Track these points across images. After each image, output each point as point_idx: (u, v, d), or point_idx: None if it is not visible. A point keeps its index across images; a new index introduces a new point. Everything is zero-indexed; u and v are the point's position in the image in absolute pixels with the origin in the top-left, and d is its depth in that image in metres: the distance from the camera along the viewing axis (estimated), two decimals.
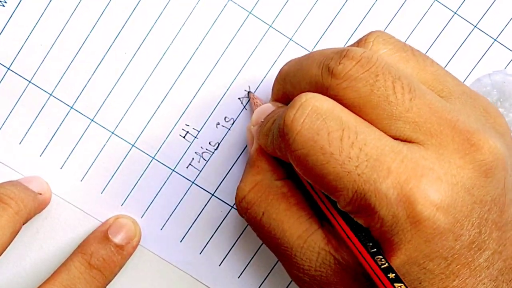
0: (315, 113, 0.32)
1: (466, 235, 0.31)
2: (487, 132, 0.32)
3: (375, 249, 0.31)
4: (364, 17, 0.41)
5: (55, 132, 0.41)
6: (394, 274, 0.31)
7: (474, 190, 0.31)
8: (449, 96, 0.34)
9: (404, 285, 0.30)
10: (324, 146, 0.31)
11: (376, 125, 0.32)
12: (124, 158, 0.42)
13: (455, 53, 0.42)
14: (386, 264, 0.31)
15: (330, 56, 0.33)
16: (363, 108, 0.32)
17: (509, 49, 0.42)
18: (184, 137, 0.42)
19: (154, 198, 0.42)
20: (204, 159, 0.42)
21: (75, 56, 0.41)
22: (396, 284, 0.30)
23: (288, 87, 0.36)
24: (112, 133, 0.42)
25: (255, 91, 0.41)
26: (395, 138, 0.32)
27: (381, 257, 0.31)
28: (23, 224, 0.40)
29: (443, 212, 0.30)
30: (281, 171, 0.36)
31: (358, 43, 0.35)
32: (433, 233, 0.31)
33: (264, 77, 0.41)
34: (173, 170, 0.42)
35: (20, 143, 0.42)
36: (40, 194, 0.41)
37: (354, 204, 0.31)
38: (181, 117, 0.41)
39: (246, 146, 0.42)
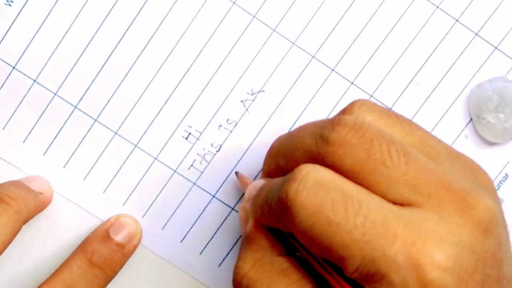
0: (317, 185, 0.32)
1: None
2: (479, 191, 0.33)
3: None
4: (367, 23, 0.41)
5: (59, 131, 0.42)
6: None
7: (476, 247, 0.32)
8: (437, 158, 0.34)
9: None
10: (329, 217, 0.31)
11: (374, 190, 0.32)
12: (127, 158, 0.42)
13: (456, 61, 0.42)
14: None
15: (322, 125, 0.33)
16: (361, 173, 0.32)
17: (509, 57, 0.42)
18: (186, 138, 0.42)
19: (156, 198, 0.42)
20: (205, 161, 0.42)
21: (80, 56, 0.41)
22: None
23: (281, 160, 0.36)
24: (115, 133, 0.42)
25: (258, 93, 0.42)
26: (394, 202, 0.32)
27: None
28: (24, 224, 0.40)
29: (450, 273, 0.31)
30: (280, 247, 0.36)
31: (343, 112, 0.35)
32: None
33: (267, 80, 0.42)
34: (175, 171, 0.42)
35: (23, 142, 0.42)
36: (41, 193, 0.41)
37: (362, 271, 0.31)
38: (183, 118, 0.42)
39: (248, 149, 0.42)
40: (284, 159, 0.36)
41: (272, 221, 0.35)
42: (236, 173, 0.42)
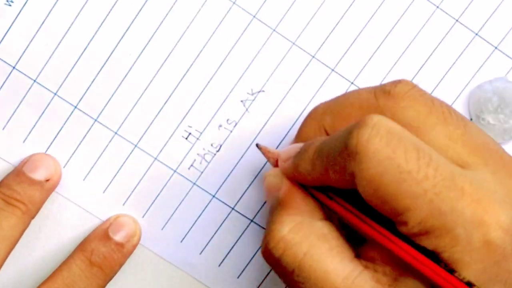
0: (389, 133, 0.32)
1: None
2: None
3: (451, 268, 0.31)
4: (367, 23, 0.41)
5: (59, 132, 0.42)
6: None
7: None
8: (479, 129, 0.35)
9: None
10: (401, 164, 0.31)
11: (434, 146, 0.32)
12: (127, 158, 0.42)
13: (456, 61, 0.42)
14: (466, 278, 0.31)
15: (382, 84, 0.34)
16: (422, 128, 0.33)
17: (509, 57, 0.42)
18: (186, 138, 0.42)
19: (156, 198, 0.42)
20: (206, 161, 0.42)
21: (80, 56, 0.41)
22: None
23: (328, 119, 0.36)
24: (115, 133, 0.42)
25: (258, 93, 0.42)
26: (453, 162, 0.32)
27: (458, 273, 0.31)
28: (32, 219, 0.41)
29: (509, 235, 0.31)
30: (319, 211, 0.36)
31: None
32: (500, 255, 0.31)
33: (267, 80, 0.42)
34: (175, 171, 0.42)
35: (23, 142, 0.42)
36: (48, 180, 0.41)
37: (425, 225, 0.31)
38: (183, 118, 0.42)
39: (248, 148, 0.42)
40: (331, 117, 0.36)
41: (324, 176, 0.34)
42: (257, 145, 0.40)
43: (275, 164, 0.38)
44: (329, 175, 0.34)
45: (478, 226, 0.31)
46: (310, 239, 0.34)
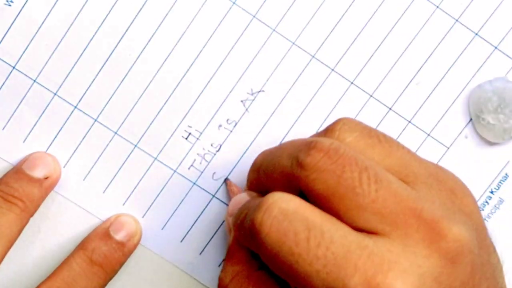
0: (281, 215, 0.32)
1: None
2: (451, 217, 0.33)
3: None
4: (367, 23, 0.41)
5: (59, 131, 0.42)
6: None
7: (442, 277, 0.32)
8: (415, 181, 0.34)
9: None
10: (291, 247, 0.32)
11: (343, 216, 0.32)
12: (127, 158, 0.42)
13: (456, 60, 0.42)
14: None
15: (300, 148, 0.34)
16: (331, 199, 0.33)
17: (509, 57, 0.42)
18: (186, 138, 0.42)
19: (156, 198, 0.42)
20: (205, 161, 0.42)
21: (80, 56, 0.41)
22: None
23: (262, 177, 0.37)
24: (115, 133, 0.42)
25: (258, 93, 0.42)
26: (361, 230, 0.32)
27: None
28: (31, 217, 0.41)
29: None
30: (256, 262, 0.37)
31: (325, 132, 0.36)
32: None
33: (267, 80, 0.42)
34: (175, 171, 0.42)
35: (23, 142, 0.42)
36: (47, 178, 0.41)
37: None
38: (183, 118, 0.42)
39: (248, 148, 0.42)
40: (264, 176, 0.37)
41: (246, 243, 0.36)
42: (226, 180, 0.42)
43: None
44: (249, 246, 0.36)
45: None
46: None
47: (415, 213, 0.32)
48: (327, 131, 0.36)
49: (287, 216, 0.32)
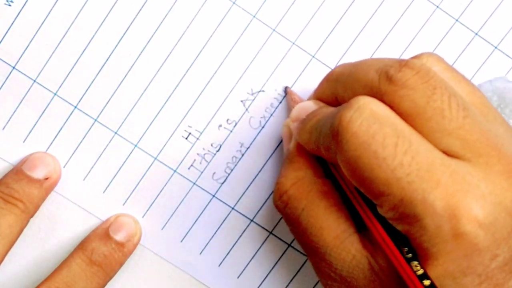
0: (372, 117, 0.32)
1: (501, 256, 0.32)
2: None
3: (410, 255, 0.32)
4: (367, 23, 0.41)
5: (59, 131, 0.42)
6: (429, 281, 0.31)
7: None
8: (494, 121, 0.34)
9: None
10: (377, 150, 0.31)
11: (427, 137, 0.32)
12: (127, 158, 0.42)
13: (456, 60, 0.42)
14: (422, 270, 0.31)
15: (390, 64, 0.34)
16: (417, 119, 0.32)
17: (509, 57, 0.42)
18: (186, 138, 0.42)
19: (156, 198, 0.42)
20: (205, 161, 0.42)
21: (80, 56, 0.41)
22: None
23: (339, 88, 0.37)
24: (115, 133, 0.42)
25: (258, 93, 0.42)
26: (444, 153, 0.32)
27: (416, 263, 0.31)
28: (31, 218, 0.41)
29: (485, 230, 0.31)
30: (320, 170, 0.37)
31: (411, 58, 0.35)
32: (472, 249, 0.31)
33: (267, 80, 0.42)
34: (175, 171, 0.42)
35: (24, 142, 0.42)
36: (47, 178, 0.41)
37: (397, 211, 0.32)
38: (183, 118, 0.42)
39: (248, 148, 0.42)
40: (342, 87, 0.36)
41: (317, 149, 0.35)
42: (286, 88, 0.41)
43: None
44: (320, 151, 0.35)
45: (448, 218, 0.31)
46: (310, 195, 0.36)
47: (496, 147, 0.33)
48: (414, 58, 0.35)
49: (377, 118, 0.32)
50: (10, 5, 0.41)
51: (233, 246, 0.43)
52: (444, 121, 0.32)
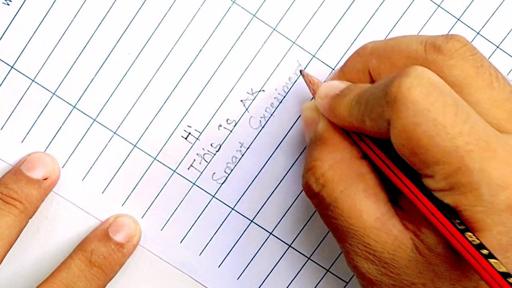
0: (431, 86, 0.32)
1: None
2: None
3: (463, 226, 0.31)
4: (368, 22, 0.41)
5: (57, 131, 0.42)
6: (487, 251, 0.30)
7: None
8: None
9: (499, 260, 0.30)
10: (437, 117, 0.31)
11: (475, 109, 0.32)
12: (126, 159, 0.42)
13: None
14: (478, 240, 0.31)
15: (434, 37, 0.34)
16: (466, 89, 0.33)
17: (511, 56, 0.42)
18: (186, 138, 0.42)
19: (155, 198, 0.42)
20: (205, 161, 0.42)
21: (79, 55, 0.41)
22: (491, 260, 0.30)
23: (374, 61, 0.36)
24: (114, 133, 0.42)
25: (258, 92, 0.42)
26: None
27: (470, 233, 0.31)
28: (30, 218, 0.41)
29: None
30: (357, 150, 0.36)
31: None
32: None
33: (267, 80, 0.41)
34: (174, 171, 0.42)
35: (22, 142, 0.42)
36: (46, 179, 0.41)
37: (452, 180, 0.31)
38: (183, 118, 0.42)
39: (248, 148, 0.42)
40: (377, 60, 0.36)
41: (360, 122, 0.35)
42: (301, 71, 0.40)
43: (314, 96, 0.39)
44: (364, 123, 0.34)
45: (504, 188, 0.31)
46: (348, 177, 0.35)
47: None
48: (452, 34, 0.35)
49: (437, 87, 0.32)
50: (8, 4, 0.40)
51: (233, 247, 0.42)
52: (493, 93, 0.33)
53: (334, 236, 0.37)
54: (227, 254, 0.42)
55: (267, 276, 0.43)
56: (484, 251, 0.30)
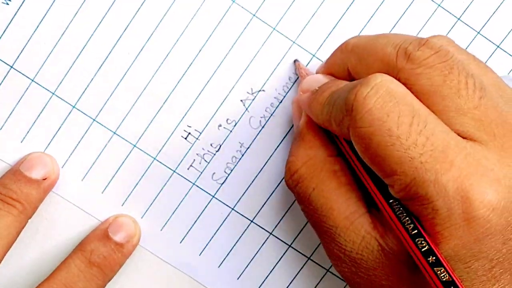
0: (388, 95, 0.32)
1: None
2: None
3: (416, 231, 0.31)
4: (368, 21, 0.41)
5: (57, 132, 0.41)
6: (434, 258, 0.31)
7: None
8: (509, 102, 0.34)
9: (445, 269, 0.30)
10: (392, 128, 0.31)
11: (441, 117, 0.32)
12: (126, 159, 0.42)
13: None
14: (427, 247, 0.31)
15: (409, 41, 0.34)
16: (432, 97, 0.32)
17: (511, 56, 0.42)
18: (185, 138, 0.42)
19: (155, 198, 0.42)
20: (205, 161, 0.42)
21: (78, 55, 0.41)
22: (435, 268, 0.30)
23: (353, 59, 0.36)
24: (114, 133, 0.42)
25: (258, 92, 0.41)
26: (458, 134, 0.32)
27: (422, 239, 0.31)
28: (29, 219, 0.41)
29: (497, 214, 0.31)
30: (332, 148, 0.36)
31: (425, 39, 0.35)
32: (484, 233, 0.31)
33: (267, 80, 0.41)
34: (174, 171, 0.42)
35: (21, 142, 0.42)
36: (45, 179, 0.41)
37: (409, 191, 0.31)
38: (183, 118, 0.42)
39: (248, 148, 0.42)
40: (356, 59, 0.36)
41: (329, 122, 0.35)
42: (295, 61, 0.41)
43: None
44: (331, 125, 0.35)
45: (461, 201, 0.31)
46: (321, 174, 0.36)
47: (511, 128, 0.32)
48: (429, 38, 0.35)
49: (394, 97, 0.32)
50: (7, 4, 0.40)
51: (233, 247, 0.42)
52: (460, 101, 0.32)
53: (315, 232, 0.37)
54: (227, 254, 0.42)
55: (267, 276, 0.43)
56: (431, 259, 0.31)
